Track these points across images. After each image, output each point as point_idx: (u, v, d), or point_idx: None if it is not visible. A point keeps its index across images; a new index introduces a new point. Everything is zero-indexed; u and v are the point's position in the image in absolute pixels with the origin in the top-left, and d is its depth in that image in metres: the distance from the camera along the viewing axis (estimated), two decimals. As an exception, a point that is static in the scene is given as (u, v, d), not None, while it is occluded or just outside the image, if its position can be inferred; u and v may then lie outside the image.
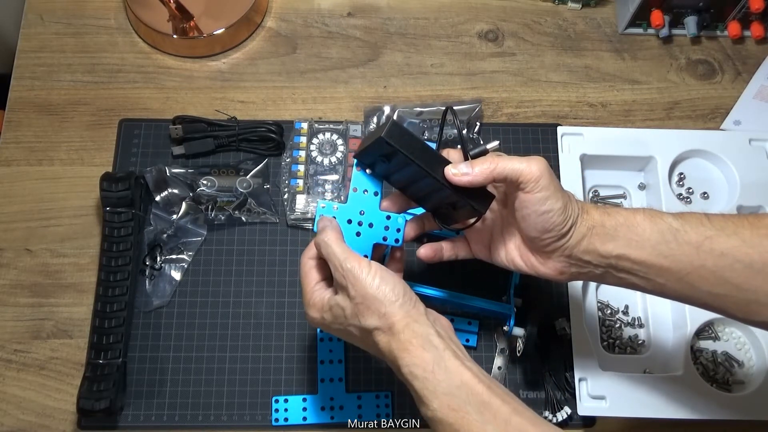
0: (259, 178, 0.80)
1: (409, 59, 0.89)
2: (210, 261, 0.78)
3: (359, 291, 0.54)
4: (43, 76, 0.86)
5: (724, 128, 0.86)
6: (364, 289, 0.54)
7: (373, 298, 0.53)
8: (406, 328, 0.53)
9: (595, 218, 0.56)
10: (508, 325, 0.71)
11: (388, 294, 0.54)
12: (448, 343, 0.53)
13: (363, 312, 0.54)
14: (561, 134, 0.80)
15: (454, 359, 0.52)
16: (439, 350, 0.52)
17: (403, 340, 0.52)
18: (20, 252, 0.78)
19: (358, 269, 0.54)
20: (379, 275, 0.54)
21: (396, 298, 0.54)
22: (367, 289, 0.54)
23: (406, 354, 0.52)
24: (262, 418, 0.72)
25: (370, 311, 0.54)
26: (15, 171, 0.81)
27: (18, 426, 0.71)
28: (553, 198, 0.55)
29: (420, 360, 0.51)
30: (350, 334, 0.57)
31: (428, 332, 0.53)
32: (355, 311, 0.54)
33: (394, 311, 0.53)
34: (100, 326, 0.72)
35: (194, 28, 0.86)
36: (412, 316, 0.53)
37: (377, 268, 0.55)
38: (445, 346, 0.52)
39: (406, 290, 0.55)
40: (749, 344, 0.75)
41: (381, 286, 0.54)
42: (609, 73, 0.89)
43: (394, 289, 0.54)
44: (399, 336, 0.53)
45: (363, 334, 0.55)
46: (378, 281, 0.54)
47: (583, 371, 0.70)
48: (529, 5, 0.93)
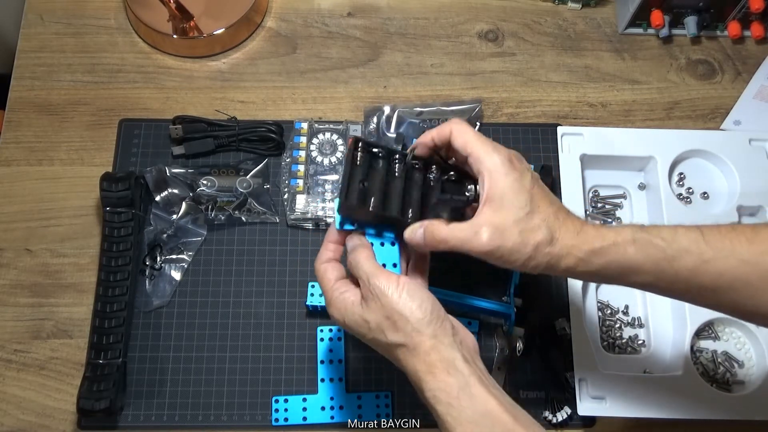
0: (259, 178, 0.80)
1: (409, 59, 0.89)
2: (210, 261, 0.78)
3: (386, 306, 0.52)
4: (43, 76, 0.86)
5: (724, 128, 0.86)
6: (390, 304, 0.52)
7: (399, 314, 0.52)
8: (432, 350, 0.51)
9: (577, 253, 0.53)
10: (508, 325, 0.71)
11: (415, 311, 0.52)
12: (474, 368, 0.51)
13: (389, 327, 0.52)
14: (561, 134, 0.80)
15: (479, 386, 0.50)
16: (464, 376, 0.50)
17: (429, 363, 0.51)
18: (20, 252, 0.78)
19: (386, 285, 0.53)
20: (406, 290, 0.53)
21: (423, 316, 0.52)
22: (393, 306, 0.52)
23: (431, 378, 0.51)
24: (262, 418, 0.72)
25: (396, 327, 0.52)
26: (15, 171, 0.81)
27: (18, 426, 0.71)
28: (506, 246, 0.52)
29: (444, 385, 0.50)
30: (372, 344, 0.55)
31: (454, 356, 0.51)
32: (381, 326, 0.53)
33: (421, 329, 0.52)
34: (100, 326, 0.72)
35: (194, 28, 0.87)
36: (439, 337, 0.52)
37: (405, 283, 0.53)
38: (471, 371, 0.51)
39: (434, 307, 0.53)
40: (749, 344, 0.75)
41: (408, 302, 0.52)
42: (609, 73, 0.89)
43: (422, 305, 0.52)
44: (424, 358, 0.51)
45: (386, 348, 0.54)
46: (405, 296, 0.52)
47: (583, 371, 0.70)
48: (529, 5, 0.93)
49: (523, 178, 0.54)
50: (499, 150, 0.55)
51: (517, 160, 0.55)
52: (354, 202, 0.56)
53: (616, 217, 0.81)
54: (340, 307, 0.56)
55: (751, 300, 0.51)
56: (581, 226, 0.53)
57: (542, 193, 0.54)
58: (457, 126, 0.56)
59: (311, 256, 0.78)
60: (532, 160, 0.82)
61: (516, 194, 0.53)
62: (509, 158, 0.55)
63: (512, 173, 0.54)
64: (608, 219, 0.81)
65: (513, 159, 0.55)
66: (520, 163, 0.55)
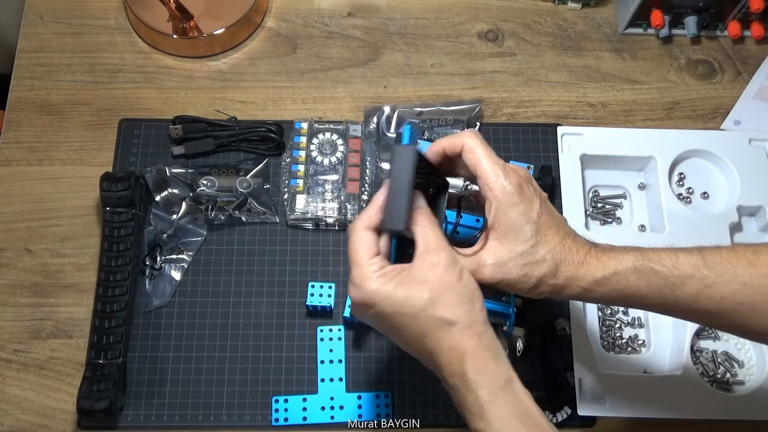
0: (259, 178, 0.80)
1: (409, 59, 0.89)
2: (210, 261, 0.78)
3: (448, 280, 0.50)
4: (43, 76, 0.86)
5: (724, 128, 0.86)
6: (453, 281, 0.50)
7: (460, 292, 0.50)
8: (484, 333, 0.50)
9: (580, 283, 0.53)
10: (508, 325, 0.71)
11: (474, 295, 0.51)
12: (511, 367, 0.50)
13: (448, 301, 0.50)
14: (561, 134, 0.80)
15: (519, 384, 0.49)
16: (509, 369, 0.49)
17: (479, 345, 0.49)
18: (20, 252, 0.78)
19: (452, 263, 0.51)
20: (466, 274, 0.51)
21: (478, 303, 0.51)
22: (456, 282, 0.50)
23: (480, 359, 0.49)
24: (262, 418, 0.72)
25: (456, 302, 0.50)
26: (15, 171, 0.81)
27: (18, 426, 0.71)
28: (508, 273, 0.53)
29: (492, 371, 0.49)
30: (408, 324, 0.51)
31: (500, 346, 0.50)
32: (437, 298, 0.50)
33: (478, 312, 0.50)
34: (100, 326, 0.72)
35: (194, 28, 0.87)
36: (488, 324, 0.51)
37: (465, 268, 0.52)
38: (511, 367, 0.50)
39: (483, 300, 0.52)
40: (749, 344, 0.75)
41: (469, 283, 0.51)
42: (609, 73, 0.89)
43: (478, 292, 0.51)
44: (476, 338, 0.49)
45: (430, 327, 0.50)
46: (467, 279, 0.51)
47: (583, 371, 0.70)
48: (529, 5, 0.93)
49: (531, 208, 0.53)
50: (509, 175, 0.53)
51: (528, 186, 0.54)
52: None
53: (616, 217, 0.81)
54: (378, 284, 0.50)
55: (755, 321, 0.51)
56: (584, 256, 0.53)
57: (549, 222, 0.54)
58: (470, 140, 0.54)
59: (311, 256, 0.78)
60: (533, 160, 0.82)
61: (522, 226, 0.53)
62: (519, 185, 0.53)
63: (521, 204, 0.53)
64: (608, 219, 0.81)
65: (523, 186, 0.53)
66: (530, 190, 0.54)
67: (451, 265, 0.51)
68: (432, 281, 0.50)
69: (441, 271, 0.50)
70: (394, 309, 0.50)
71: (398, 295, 0.50)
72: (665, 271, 0.52)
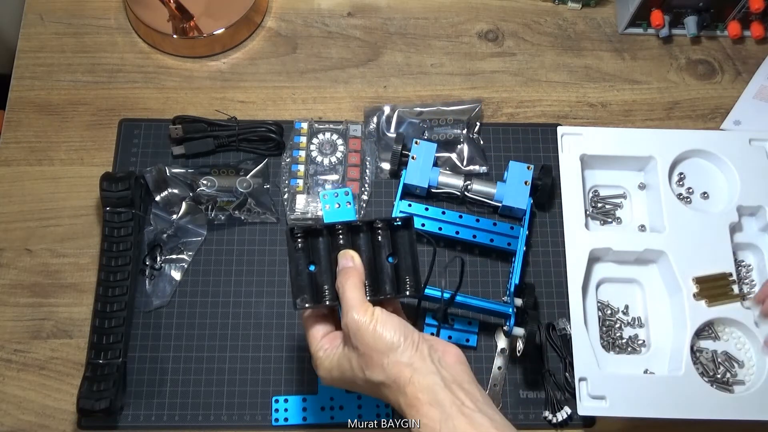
0: (259, 178, 0.80)
1: (409, 59, 0.89)
2: (210, 261, 0.78)
3: (361, 341, 0.53)
4: (43, 76, 0.86)
5: (724, 128, 0.86)
6: (365, 338, 0.53)
7: (374, 348, 0.53)
8: (410, 382, 0.52)
9: None
10: (508, 325, 0.71)
11: (388, 341, 0.53)
12: (456, 395, 0.51)
13: (368, 364, 0.53)
14: (561, 134, 0.80)
15: (461, 417, 0.50)
16: (445, 407, 0.50)
17: (410, 395, 0.51)
18: (20, 252, 0.78)
19: (361, 319, 0.53)
20: (379, 320, 0.53)
21: (398, 345, 0.53)
22: (367, 339, 0.53)
23: (414, 411, 0.51)
24: (262, 418, 0.72)
25: (374, 363, 0.53)
26: (15, 171, 0.81)
27: (18, 426, 0.71)
28: None
29: (428, 419, 0.50)
30: (360, 389, 0.56)
31: (434, 382, 0.51)
32: (360, 364, 0.53)
33: (396, 360, 0.52)
34: (100, 326, 0.72)
35: (194, 28, 0.87)
36: (415, 365, 0.52)
37: (378, 313, 0.54)
38: (452, 400, 0.51)
39: (406, 332, 0.53)
40: (749, 344, 0.75)
41: (382, 333, 0.53)
42: (609, 73, 0.89)
43: (394, 334, 0.53)
44: (405, 390, 0.51)
45: (372, 388, 0.54)
46: (379, 327, 0.53)
47: (583, 371, 0.70)
48: (529, 5, 0.93)
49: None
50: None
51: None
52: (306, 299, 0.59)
53: (616, 217, 0.81)
54: (325, 362, 0.57)
55: None
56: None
57: None
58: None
59: (311, 256, 0.78)
60: (533, 160, 0.82)
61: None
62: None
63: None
64: (608, 219, 0.81)
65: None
66: None
67: (360, 324, 0.53)
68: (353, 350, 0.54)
69: (354, 335, 0.54)
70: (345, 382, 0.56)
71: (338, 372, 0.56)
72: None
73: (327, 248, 0.60)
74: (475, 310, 0.74)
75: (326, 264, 0.59)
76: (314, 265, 0.60)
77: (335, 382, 0.57)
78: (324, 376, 0.57)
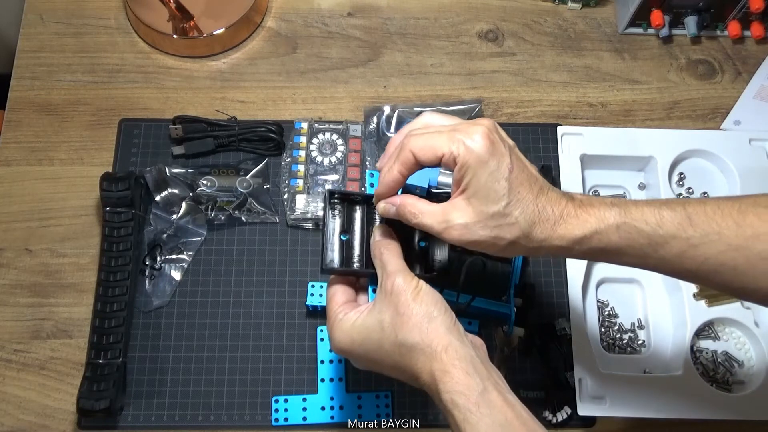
0: (259, 178, 0.80)
1: (409, 59, 0.89)
2: (210, 261, 0.78)
3: (404, 303, 0.51)
4: (43, 76, 0.86)
5: (724, 128, 0.86)
6: (407, 301, 0.51)
7: (415, 311, 0.51)
8: (449, 347, 0.49)
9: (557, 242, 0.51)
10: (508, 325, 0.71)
11: (430, 309, 0.51)
12: (490, 372, 0.50)
13: (405, 324, 0.50)
14: (561, 134, 0.80)
15: (496, 392, 0.48)
16: (482, 378, 0.48)
17: (446, 362, 0.49)
18: (20, 252, 0.78)
19: (408, 284, 0.52)
20: (423, 289, 0.52)
21: (438, 314, 0.51)
22: (410, 302, 0.51)
23: (448, 378, 0.48)
24: (262, 418, 0.72)
25: (412, 324, 0.50)
26: (15, 171, 0.81)
27: (18, 426, 0.71)
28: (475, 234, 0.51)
29: (463, 386, 0.48)
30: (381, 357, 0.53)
31: (471, 354, 0.49)
32: (396, 323, 0.51)
33: (435, 326, 0.50)
34: (100, 326, 0.72)
35: (194, 28, 0.87)
36: (452, 335, 0.50)
37: (423, 284, 0.53)
38: (487, 374, 0.49)
39: (447, 307, 0.52)
40: (749, 344, 0.75)
41: (425, 299, 0.51)
42: (609, 73, 0.89)
43: (436, 305, 0.51)
44: (441, 356, 0.49)
45: (398, 355, 0.51)
46: (423, 295, 0.51)
47: (583, 371, 0.70)
48: (529, 5, 0.93)
49: (501, 164, 0.50)
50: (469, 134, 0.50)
51: (495, 137, 0.51)
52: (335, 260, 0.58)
53: (616, 217, 0.81)
54: (345, 326, 0.54)
55: (736, 281, 0.50)
56: (561, 213, 0.51)
57: (521, 177, 0.51)
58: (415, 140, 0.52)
59: (311, 256, 0.78)
60: (533, 160, 0.81)
61: (492, 185, 0.50)
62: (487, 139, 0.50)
63: (490, 161, 0.50)
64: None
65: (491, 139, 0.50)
66: (499, 142, 0.51)
67: (404, 288, 0.52)
68: (389, 310, 0.52)
69: (395, 297, 0.52)
70: (362, 349, 0.53)
71: (359, 336, 0.53)
72: (649, 230, 0.50)
73: (362, 219, 0.59)
74: (475, 310, 0.74)
75: (360, 235, 0.59)
76: (346, 235, 0.59)
77: (351, 347, 0.54)
78: (339, 339, 0.54)
